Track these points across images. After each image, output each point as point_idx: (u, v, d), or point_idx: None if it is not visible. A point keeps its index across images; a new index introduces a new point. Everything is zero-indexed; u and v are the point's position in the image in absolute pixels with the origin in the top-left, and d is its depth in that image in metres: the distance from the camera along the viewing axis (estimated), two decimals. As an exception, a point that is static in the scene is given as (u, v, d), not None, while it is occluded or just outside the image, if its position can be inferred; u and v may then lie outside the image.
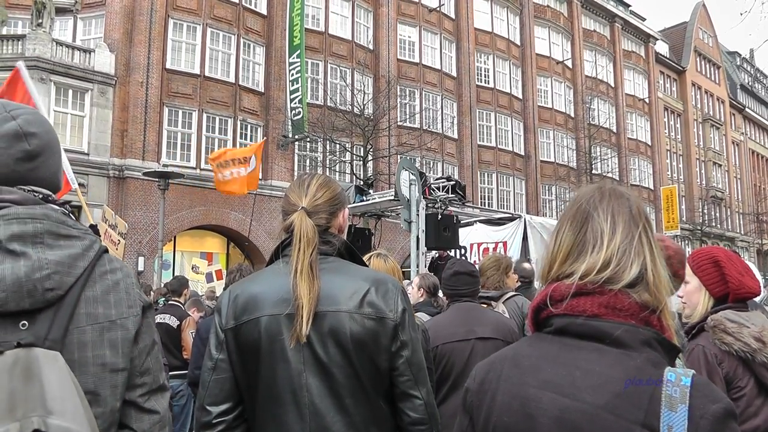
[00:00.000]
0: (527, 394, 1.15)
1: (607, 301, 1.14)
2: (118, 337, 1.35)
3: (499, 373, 1.22)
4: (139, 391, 1.40)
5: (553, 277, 1.24)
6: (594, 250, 1.19)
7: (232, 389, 1.79)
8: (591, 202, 1.25)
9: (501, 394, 1.19)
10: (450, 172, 28.72)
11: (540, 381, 1.15)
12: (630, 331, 1.11)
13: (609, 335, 1.11)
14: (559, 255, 1.24)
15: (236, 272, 4.50)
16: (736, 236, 50.02)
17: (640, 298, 1.14)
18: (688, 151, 47.83)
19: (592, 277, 1.16)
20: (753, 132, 59.56)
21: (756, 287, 2.33)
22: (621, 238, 1.19)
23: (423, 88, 30.07)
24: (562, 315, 1.18)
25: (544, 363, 1.17)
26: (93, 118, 20.32)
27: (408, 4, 30.46)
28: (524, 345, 1.26)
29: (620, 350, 1.10)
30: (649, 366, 1.08)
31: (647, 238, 1.20)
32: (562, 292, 1.18)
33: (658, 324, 1.15)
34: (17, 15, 21.41)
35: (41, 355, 1.22)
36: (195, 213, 21.79)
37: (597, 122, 34.51)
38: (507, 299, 4.66)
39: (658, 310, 1.15)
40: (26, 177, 1.39)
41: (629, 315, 1.13)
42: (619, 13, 43.26)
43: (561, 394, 1.11)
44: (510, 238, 12.53)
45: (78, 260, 1.34)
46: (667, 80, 48.04)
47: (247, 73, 24.30)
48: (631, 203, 1.24)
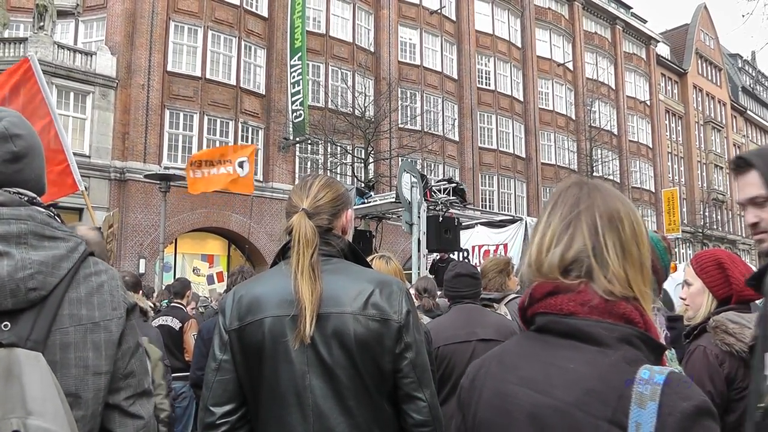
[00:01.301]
0: (507, 390, 1.18)
1: (579, 297, 1.14)
2: (101, 339, 1.35)
3: (487, 370, 1.25)
4: (123, 394, 1.38)
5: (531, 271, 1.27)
6: (535, 236, 1.24)
7: (236, 390, 1.78)
8: (551, 199, 1.30)
9: (486, 391, 1.22)
10: (451, 174, 28.72)
11: (518, 377, 1.17)
12: (606, 328, 1.11)
13: (585, 333, 1.12)
14: None
15: (238, 274, 4.51)
16: (737, 239, 49.96)
17: (601, 288, 1.14)
18: (690, 154, 47.81)
19: (534, 265, 1.21)
20: (754, 134, 59.53)
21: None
22: (556, 223, 1.22)
23: (424, 90, 30.08)
24: (542, 313, 1.19)
25: (524, 360, 1.19)
26: (94, 121, 20.35)
27: (409, 7, 30.48)
28: (512, 343, 1.29)
29: (597, 348, 1.10)
30: (622, 363, 1.07)
31: (593, 223, 1.19)
32: (541, 290, 1.20)
33: (641, 320, 1.13)
34: (19, 18, 21.45)
35: (23, 355, 1.21)
36: (196, 215, 21.80)
37: (598, 124, 34.47)
38: (509, 301, 4.66)
39: (629, 298, 1.15)
40: (12, 178, 1.40)
41: (604, 312, 1.13)
42: (621, 16, 43.27)
43: (535, 391, 1.13)
44: (510, 240, 12.54)
45: (62, 261, 1.34)
46: (668, 82, 48.04)
47: (248, 75, 24.32)
48: (582, 192, 1.25)
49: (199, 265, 23.20)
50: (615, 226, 1.19)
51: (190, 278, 17.19)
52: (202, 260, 23.50)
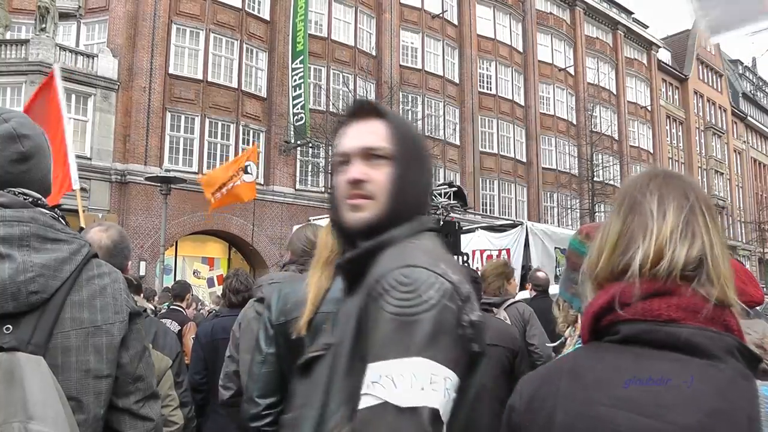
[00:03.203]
0: (597, 413, 0.97)
1: (682, 302, 1.00)
2: (103, 343, 1.34)
3: (557, 388, 1.05)
4: (133, 398, 1.39)
5: (601, 271, 1.10)
6: (645, 238, 1.05)
7: (280, 383, 1.86)
8: (638, 186, 1.12)
9: (561, 413, 1.02)
10: (452, 178, 28.68)
11: (611, 398, 0.97)
12: (713, 338, 0.97)
13: (690, 343, 0.97)
14: (606, 247, 1.10)
15: (232, 278, 4.50)
16: (737, 245, 49.90)
17: (708, 293, 1.00)
18: (690, 159, 47.81)
19: (650, 270, 1.02)
20: (755, 141, 59.51)
21: (759, 296, 2.32)
22: (673, 220, 1.05)
23: (425, 94, 30.09)
24: (631, 321, 1.02)
25: (617, 377, 0.99)
26: (96, 123, 20.37)
27: (411, 11, 30.51)
28: (584, 356, 1.08)
29: (705, 361, 0.95)
30: (740, 379, 0.94)
31: (704, 217, 1.06)
32: (631, 294, 1.02)
33: (737, 328, 1.01)
34: (21, 20, 21.47)
35: (24, 359, 1.20)
36: (197, 218, 21.80)
37: (599, 129, 34.46)
38: (508, 306, 4.65)
39: (729, 306, 1.01)
40: (19, 179, 1.40)
41: (708, 319, 0.99)
42: (622, 21, 43.30)
43: (641, 414, 0.94)
44: (513, 245, 12.51)
45: (64, 264, 1.33)
46: (669, 88, 48.06)
47: (249, 78, 24.35)
48: (684, 182, 1.11)
49: (199, 268, 23.21)
50: (716, 221, 1.08)
51: (191, 281, 17.21)
52: (202, 263, 23.51)
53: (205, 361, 4.23)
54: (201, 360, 4.29)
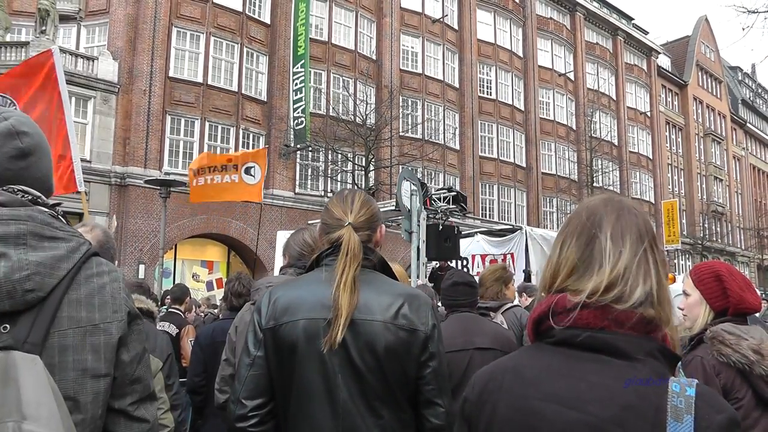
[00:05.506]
0: (530, 406, 1.13)
1: (611, 314, 1.12)
2: (101, 342, 1.33)
3: (500, 383, 1.20)
4: (129, 399, 1.38)
5: (556, 290, 1.22)
6: (600, 269, 1.16)
7: (267, 385, 1.89)
8: (597, 217, 1.22)
9: (502, 406, 1.17)
10: (451, 182, 28.74)
11: (543, 393, 1.13)
12: (633, 342, 1.10)
13: (613, 346, 1.10)
14: (562, 269, 1.22)
15: (235, 281, 4.51)
16: (736, 251, 49.93)
17: (646, 312, 1.12)
18: (689, 166, 47.85)
19: (598, 297, 1.13)
20: (754, 147, 59.60)
21: (756, 303, 2.34)
22: (628, 258, 1.16)
23: (425, 98, 30.12)
24: (565, 327, 1.15)
25: (547, 375, 1.14)
26: (95, 126, 20.39)
27: (411, 15, 30.56)
28: (525, 355, 1.24)
29: (625, 362, 1.09)
30: (654, 377, 1.07)
31: (654, 257, 1.18)
32: (564, 305, 1.16)
33: (662, 334, 1.14)
34: (21, 22, 21.50)
35: (19, 358, 1.19)
36: (196, 221, 21.79)
37: (598, 135, 34.52)
38: (506, 310, 4.66)
39: (665, 326, 1.14)
40: (19, 176, 1.40)
41: (631, 327, 1.11)
42: (622, 27, 43.40)
43: (566, 407, 1.09)
44: (516, 250, 12.49)
45: (61, 262, 1.32)
46: (668, 94, 48.14)
47: (249, 82, 24.37)
48: (638, 219, 1.21)
49: (198, 271, 23.15)
50: (663, 256, 1.20)
51: (190, 284, 17.18)
52: (201, 266, 23.45)
53: (205, 363, 4.23)
54: (201, 362, 4.29)
